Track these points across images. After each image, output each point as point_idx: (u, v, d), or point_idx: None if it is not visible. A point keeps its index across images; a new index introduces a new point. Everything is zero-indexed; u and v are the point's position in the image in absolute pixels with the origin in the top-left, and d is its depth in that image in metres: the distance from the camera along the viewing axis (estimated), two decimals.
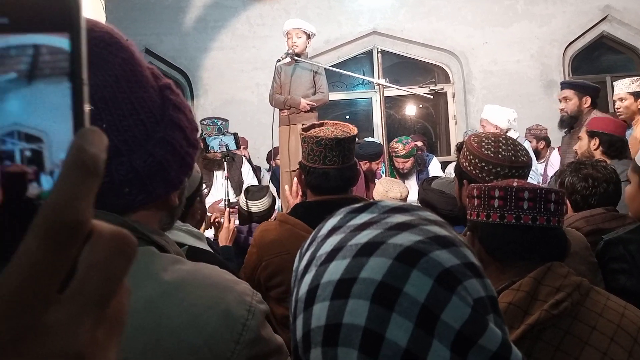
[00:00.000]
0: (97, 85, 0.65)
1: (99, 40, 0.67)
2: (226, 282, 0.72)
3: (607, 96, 6.92)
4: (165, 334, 0.65)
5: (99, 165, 0.28)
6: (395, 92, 6.72)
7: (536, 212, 1.13)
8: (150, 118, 0.70)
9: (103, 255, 0.28)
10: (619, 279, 1.66)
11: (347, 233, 0.55)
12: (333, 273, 0.51)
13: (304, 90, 4.30)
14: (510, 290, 1.08)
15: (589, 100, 3.61)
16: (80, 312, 0.27)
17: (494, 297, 0.52)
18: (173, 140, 0.72)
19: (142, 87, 0.70)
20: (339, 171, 1.84)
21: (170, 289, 0.68)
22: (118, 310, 0.29)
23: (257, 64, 6.75)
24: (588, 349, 1.02)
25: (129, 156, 0.68)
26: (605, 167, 1.99)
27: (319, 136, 1.84)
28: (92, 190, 0.27)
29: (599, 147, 2.80)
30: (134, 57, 0.70)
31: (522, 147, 1.68)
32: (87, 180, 0.27)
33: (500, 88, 6.98)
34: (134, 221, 0.71)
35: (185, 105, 0.76)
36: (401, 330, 0.47)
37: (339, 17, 7.09)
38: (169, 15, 6.95)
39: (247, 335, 0.69)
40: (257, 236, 1.89)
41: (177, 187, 0.75)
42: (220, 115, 5.32)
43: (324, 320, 0.50)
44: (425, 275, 0.48)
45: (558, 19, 7.06)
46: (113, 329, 0.29)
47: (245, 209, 3.05)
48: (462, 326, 0.47)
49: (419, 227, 0.53)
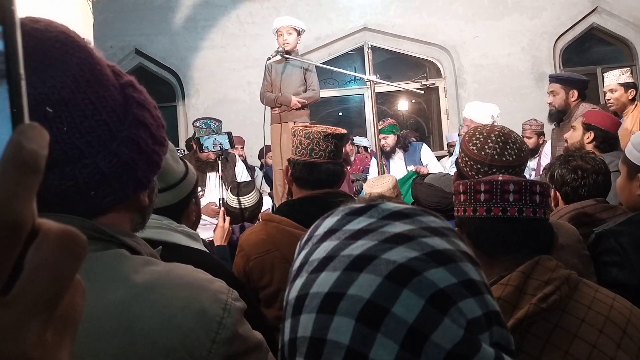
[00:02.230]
0: (54, 87, 0.63)
1: (55, 40, 0.65)
2: (200, 282, 0.72)
3: (598, 87, 6.95)
4: (138, 337, 0.64)
5: (38, 162, 0.27)
6: (387, 88, 6.72)
7: (522, 204, 1.13)
8: (113, 117, 0.68)
9: (50, 254, 0.27)
10: (611, 271, 1.66)
11: (342, 240, 0.53)
12: (322, 285, 0.50)
13: (295, 87, 4.29)
14: (499, 285, 1.08)
15: (576, 94, 3.62)
16: (26, 314, 0.26)
17: (495, 312, 0.50)
18: (138, 138, 0.71)
19: (103, 86, 0.68)
20: (324, 165, 1.84)
21: (141, 291, 0.67)
22: (70, 310, 0.28)
23: (248, 63, 6.73)
24: (577, 342, 1.02)
25: (93, 158, 0.67)
26: (594, 159, 2.00)
27: (309, 129, 1.87)
28: (32, 188, 0.26)
29: (593, 140, 2.81)
30: (92, 55, 0.68)
31: (515, 145, 1.59)
32: (26, 178, 0.26)
33: (492, 82, 6.99)
34: (102, 224, 0.70)
35: (149, 102, 0.75)
36: (386, 351, 0.45)
37: (329, 14, 7.08)
38: (159, 15, 6.92)
39: (224, 334, 0.68)
40: (242, 240, 1.87)
41: (146, 186, 0.74)
42: (212, 114, 5.31)
43: (310, 332, 0.49)
44: (417, 295, 0.47)
45: (548, 11, 7.08)
46: (64, 330, 0.28)
47: (235, 207, 3.05)
48: (453, 347, 0.45)
49: (416, 241, 0.51)
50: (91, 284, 0.66)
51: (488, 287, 0.52)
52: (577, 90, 3.62)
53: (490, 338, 0.49)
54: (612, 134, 2.87)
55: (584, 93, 3.66)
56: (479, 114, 4.44)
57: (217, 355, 0.67)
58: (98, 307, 0.64)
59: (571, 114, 3.60)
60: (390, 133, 4.71)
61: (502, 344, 0.50)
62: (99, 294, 0.65)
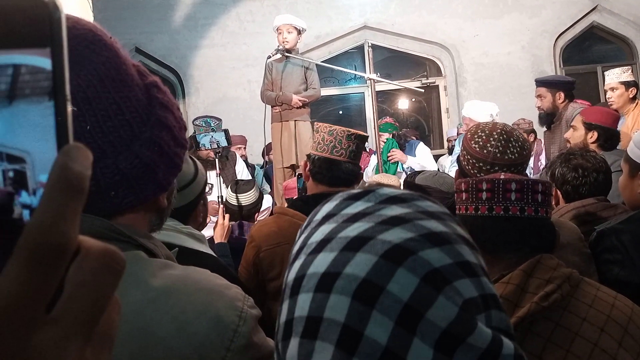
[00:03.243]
0: (80, 85, 0.62)
1: (82, 38, 0.64)
2: (216, 287, 0.71)
3: (598, 86, 6.94)
4: (153, 342, 0.64)
5: (83, 184, 0.27)
6: (387, 87, 6.72)
7: (524, 203, 1.13)
8: (136, 118, 0.68)
9: (90, 273, 0.27)
10: (612, 269, 1.66)
11: (339, 223, 0.54)
12: (319, 265, 0.51)
13: (296, 86, 4.28)
14: (500, 284, 1.08)
15: (563, 95, 3.65)
16: (68, 333, 0.26)
17: (492, 295, 0.50)
18: (160, 140, 0.70)
19: (127, 86, 0.67)
20: (344, 164, 1.89)
21: (158, 296, 0.66)
22: (107, 326, 0.29)
23: (248, 61, 6.72)
24: (579, 340, 1.02)
25: (115, 158, 0.66)
26: (594, 157, 1.99)
27: (333, 127, 1.94)
28: (77, 210, 0.27)
29: (597, 140, 2.81)
30: (118, 54, 0.67)
31: (518, 143, 1.58)
32: (72, 199, 0.26)
33: (492, 80, 6.98)
34: (121, 225, 0.69)
35: (172, 103, 0.74)
36: (381, 327, 0.46)
37: (329, 12, 7.07)
38: (159, 14, 6.91)
39: (238, 342, 0.67)
40: (254, 231, 1.89)
41: (166, 188, 0.73)
42: (213, 112, 5.30)
43: (307, 311, 0.49)
44: (412, 274, 0.47)
45: (548, 10, 7.07)
46: (102, 346, 0.28)
47: (234, 204, 3.05)
48: (448, 325, 0.46)
49: (412, 223, 0.51)
50: None
51: (485, 271, 0.52)
52: (564, 92, 3.65)
53: (488, 321, 0.49)
54: (614, 131, 2.88)
55: (571, 94, 3.69)
56: (478, 112, 4.44)
57: None
58: None
59: (560, 115, 3.62)
60: (385, 132, 4.68)
61: (502, 328, 0.50)
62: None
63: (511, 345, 0.48)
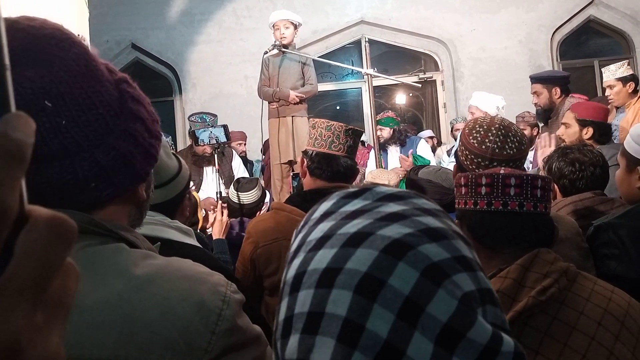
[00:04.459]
0: (52, 82, 0.65)
1: (50, 37, 0.67)
2: (199, 274, 0.73)
3: (596, 80, 6.95)
4: (138, 328, 0.65)
5: (24, 151, 0.27)
6: (384, 82, 6.71)
7: (523, 198, 1.13)
8: (110, 112, 0.70)
9: (39, 240, 0.28)
10: (610, 264, 1.67)
11: (338, 220, 0.54)
12: (320, 261, 0.51)
13: (293, 82, 4.27)
14: (498, 278, 1.08)
15: (559, 90, 3.64)
16: (15, 298, 0.27)
17: (489, 289, 0.51)
18: (135, 132, 0.72)
19: (98, 81, 0.70)
20: (342, 158, 1.90)
21: (142, 283, 0.68)
22: (61, 293, 0.29)
23: (244, 57, 6.71)
24: (576, 334, 1.02)
25: (92, 151, 0.68)
26: (591, 151, 2.00)
27: (331, 122, 1.95)
28: (17, 177, 0.27)
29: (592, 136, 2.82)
30: (87, 52, 0.70)
31: (516, 138, 1.58)
32: (11, 166, 0.27)
33: (489, 75, 6.98)
34: (102, 219, 0.71)
35: (143, 97, 0.77)
36: (382, 321, 0.46)
37: (326, 7, 7.06)
38: (154, 9, 6.88)
39: (223, 325, 0.68)
40: (251, 227, 1.89)
41: (144, 179, 0.76)
42: (209, 108, 5.29)
43: (308, 307, 0.50)
44: (411, 268, 0.48)
45: (545, 4, 7.06)
46: (55, 312, 0.29)
47: (235, 201, 3.04)
48: (448, 319, 0.46)
49: (410, 219, 0.52)
50: (91, 276, 0.66)
51: (480, 266, 0.53)
52: (560, 87, 3.65)
53: (484, 316, 0.49)
54: (607, 124, 2.89)
55: (567, 88, 3.69)
56: (486, 103, 4.44)
57: (216, 347, 0.67)
58: (98, 299, 0.65)
59: (558, 110, 3.62)
60: (386, 126, 4.69)
61: (497, 324, 0.50)
62: (99, 286, 0.66)
63: (511, 342, 0.49)
